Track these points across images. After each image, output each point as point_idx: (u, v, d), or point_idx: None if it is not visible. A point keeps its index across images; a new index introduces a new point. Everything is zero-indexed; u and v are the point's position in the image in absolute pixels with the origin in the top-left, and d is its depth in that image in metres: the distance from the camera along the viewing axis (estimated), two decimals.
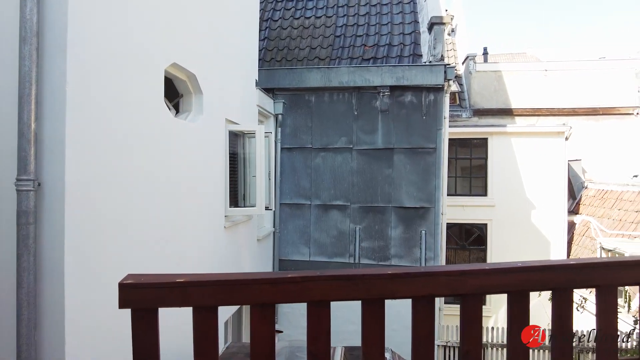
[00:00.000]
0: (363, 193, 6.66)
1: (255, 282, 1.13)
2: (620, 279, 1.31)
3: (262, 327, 1.15)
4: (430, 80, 6.39)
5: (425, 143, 6.52)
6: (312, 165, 6.77)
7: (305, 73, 6.86)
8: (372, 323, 1.18)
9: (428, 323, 1.20)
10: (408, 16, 7.92)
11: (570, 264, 1.26)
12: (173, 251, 3.63)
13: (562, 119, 12.71)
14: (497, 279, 1.21)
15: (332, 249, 6.73)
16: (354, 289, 1.16)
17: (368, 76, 6.62)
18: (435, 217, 6.47)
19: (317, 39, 7.81)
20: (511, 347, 1.26)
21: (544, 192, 11.58)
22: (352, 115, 6.71)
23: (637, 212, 9.61)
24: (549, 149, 11.64)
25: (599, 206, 11.64)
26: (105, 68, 2.76)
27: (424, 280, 1.17)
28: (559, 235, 11.55)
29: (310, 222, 6.79)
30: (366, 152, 6.66)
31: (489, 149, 11.91)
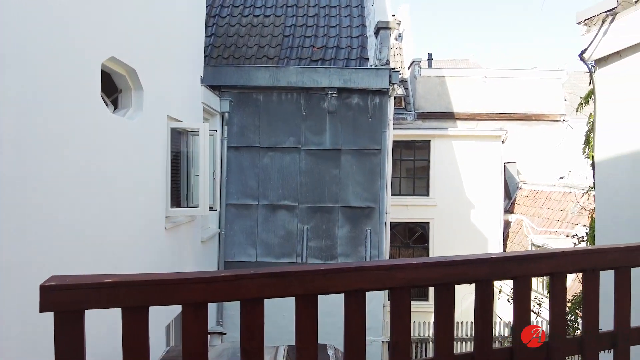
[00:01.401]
0: (311, 193, 6.70)
1: (188, 281, 1.12)
2: (533, 271, 1.44)
3: (194, 327, 1.14)
4: (376, 84, 6.57)
5: (371, 144, 6.69)
6: (260, 165, 6.72)
7: (253, 71, 6.79)
8: (306, 319, 1.21)
9: (360, 317, 1.24)
10: (356, 20, 8.09)
11: (490, 258, 1.36)
12: (109, 254, 3.47)
13: (499, 123, 13.53)
14: (423, 272, 1.28)
15: (279, 250, 6.72)
16: (288, 286, 1.17)
17: (316, 77, 6.67)
18: (380, 216, 6.65)
19: (265, 38, 7.77)
20: (437, 337, 1.34)
21: (482, 192, 12.27)
22: (301, 115, 6.74)
23: (562, 210, 10.45)
24: (487, 151, 12.36)
25: (531, 205, 12.52)
26: (37, 62, 2.59)
27: (355, 275, 1.22)
28: (495, 233, 12.29)
29: (257, 222, 6.73)
30: (314, 152, 6.72)
31: (431, 151, 12.44)
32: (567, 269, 1.50)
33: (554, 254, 1.48)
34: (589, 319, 1.58)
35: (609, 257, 1.59)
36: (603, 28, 2.96)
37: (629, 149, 2.82)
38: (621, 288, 1.61)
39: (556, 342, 1.52)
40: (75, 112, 3.02)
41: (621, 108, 2.95)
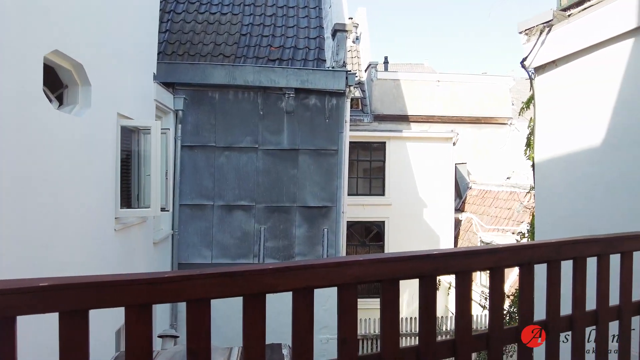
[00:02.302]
0: (269, 193, 6.67)
1: (130, 283, 1.09)
2: (474, 265, 1.51)
3: (138, 330, 1.11)
4: (332, 85, 6.63)
5: (328, 145, 6.75)
6: (216, 164, 6.60)
7: (209, 69, 6.67)
8: (254, 318, 1.21)
9: (308, 315, 1.26)
10: (313, 21, 8.13)
11: (434, 254, 1.42)
12: (53, 257, 3.29)
13: (450, 126, 14.06)
14: (371, 269, 1.32)
15: (236, 250, 6.63)
16: (235, 286, 1.17)
17: (274, 77, 6.65)
18: (337, 216, 6.73)
19: (222, 36, 7.65)
20: (383, 331, 1.38)
21: (434, 192, 12.71)
22: (258, 115, 6.69)
23: (508, 209, 11.02)
24: (439, 153, 12.82)
25: (480, 204, 13.10)
26: None
27: (303, 273, 1.23)
28: (447, 231, 12.77)
29: (213, 223, 6.61)
30: (272, 152, 6.69)
31: (387, 152, 12.73)
32: (505, 263, 1.59)
33: (493, 249, 1.57)
34: (525, 309, 1.69)
35: (541, 252, 1.71)
36: (541, 38, 3.17)
37: (563, 152, 3.03)
38: (552, 280, 1.73)
39: (495, 332, 1.61)
40: (14, 108, 2.84)
41: (557, 113, 3.16)
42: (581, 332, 1.85)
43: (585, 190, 2.84)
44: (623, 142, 2.59)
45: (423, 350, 1.44)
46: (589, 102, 2.86)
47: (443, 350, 1.52)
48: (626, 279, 1.97)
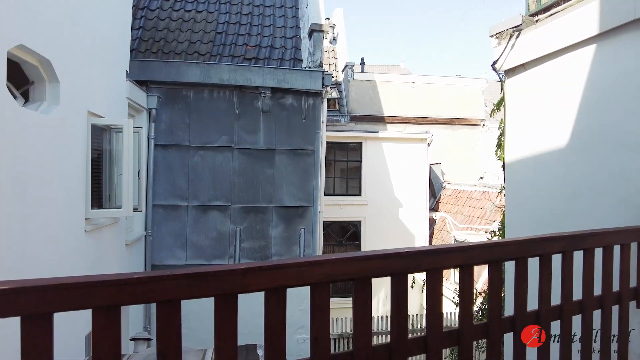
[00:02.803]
0: (244, 193, 6.61)
1: (97, 284, 1.06)
2: (443, 263, 1.55)
3: (106, 333, 1.09)
4: (309, 85, 6.64)
5: (304, 145, 6.75)
6: (190, 164, 6.51)
7: (184, 67, 6.56)
8: (225, 318, 1.20)
9: (280, 314, 1.26)
10: (290, 20, 8.12)
11: (405, 252, 1.44)
12: (19, 260, 3.17)
13: (425, 127, 14.28)
14: (342, 267, 1.33)
15: (211, 251, 6.55)
16: (206, 286, 1.16)
17: (250, 76, 6.60)
18: (314, 216, 6.73)
19: (197, 34, 7.54)
20: (356, 329, 1.40)
21: (409, 191, 12.89)
22: (234, 114, 6.63)
23: (481, 208, 11.28)
24: (414, 153, 13.01)
25: (454, 204, 13.37)
26: None
27: (275, 272, 1.23)
28: (422, 230, 12.97)
29: (187, 224, 6.51)
30: (248, 151, 6.64)
31: (363, 153, 12.84)
32: (474, 261, 1.63)
33: (463, 247, 1.60)
34: (494, 305, 1.74)
35: (510, 250, 1.76)
36: (511, 42, 3.26)
37: (532, 152, 3.13)
38: (520, 276, 1.78)
39: (465, 328, 1.64)
40: None
41: (526, 115, 3.26)
42: (546, 327, 1.91)
43: (552, 190, 2.94)
44: (587, 144, 2.69)
45: (395, 347, 1.46)
46: (556, 104, 2.97)
47: (415, 347, 1.54)
48: (588, 275, 2.05)
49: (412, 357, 1.57)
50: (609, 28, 2.53)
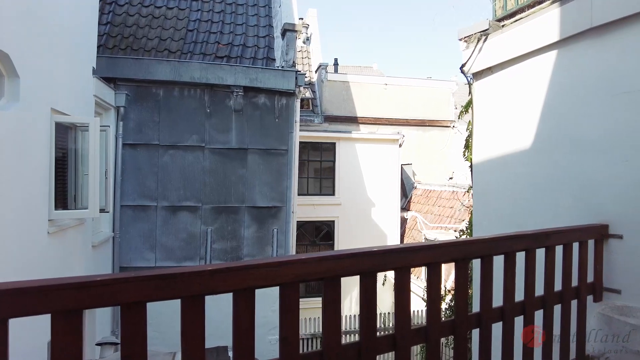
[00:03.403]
0: (216, 193, 6.52)
1: (57, 287, 1.03)
2: (411, 262, 1.58)
3: (67, 339, 1.05)
4: (282, 85, 6.61)
5: (277, 145, 6.72)
6: (160, 163, 6.36)
7: (154, 65, 6.41)
8: (192, 320, 1.18)
9: (249, 315, 1.25)
10: (263, 19, 8.06)
11: (373, 251, 1.46)
12: None
13: (397, 128, 14.50)
14: (311, 267, 1.33)
15: (181, 253, 6.42)
16: (172, 288, 1.14)
17: (221, 74, 6.52)
18: (287, 216, 6.71)
19: (167, 31, 7.39)
20: (325, 328, 1.40)
21: (382, 191, 13.06)
22: (205, 112, 6.53)
23: (451, 208, 11.54)
24: (386, 154, 13.18)
25: (425, 203, 13.61)
26: None
27: (244, 273, 1.22)
28: (393, 229, 13.15)
29: (156, 225, 6.36)
30: (219, 151, 6.55)
31: (337, 153, 12.91)
32: (441, 259, 1.67)
33: (430, 246, 1.64)
34: (460, 302, 1.78)
35: (475, 248, 1.81)
36: (478, 46, 3.35)
37: (498, 153, 3.23)
38: (485, 274, 1.84)
39: (433, 325, 1.68)
40: None
41: (493, 117, 3.36)
42: (510, 323, 1.97)
43: (516, 190, 3.04)
44: (547, 146, 2.80)
45: (364, 345, 1.48)
46: (520, 107, 3.07)
47: (384, 345, 1.56)
48: (550, 271, 2.14)
49: (382, 355, 1.59)
50: (568, 35, 2.64)
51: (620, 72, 2.41)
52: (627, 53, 2.38)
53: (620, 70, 2.41)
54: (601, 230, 2.41)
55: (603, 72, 2.50)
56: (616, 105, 2.42)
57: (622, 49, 2.41)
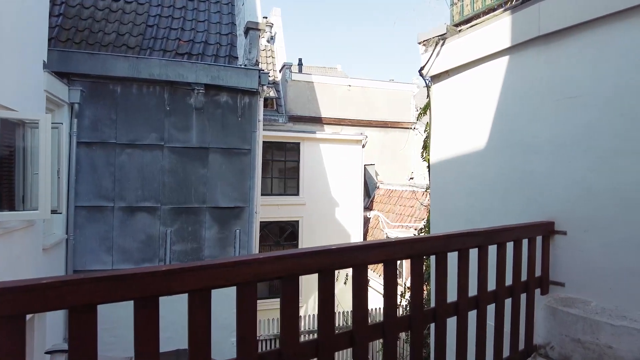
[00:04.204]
0: (175, 193, 6.37)
1: (0, 291, 0.98)
2: (369, 259, 1.61)
3: (10, 345, 1.00)
4: (245, 84, 6.55)
5: (240, 144, 6.64)
6: (117, 162, 6.14)
7: (111, 60, 6.18)
8: (146, 322, 1.16)
9: (205, 316, 1.24)
10: (226, 17, 7.96)
11: (331, 249, 1.48)
12: None
13: (360, 129, 14.70)
14: (270, 266, 1.34)
15: (139, 255, 6.23)
16: (124, 289, 1.11)
17: (182, 72, 6.37)
18: (250, 216, 6.65)
19: (126, 25, 7.14)
20: (283, 327, 1.41)
21: (345, 191, 13.20)
22: (164, 110, 6.36)
23: (411, 207, 11.82)
24: (349, 154, 13.34)
25: (387, 203, 13.86)
26: None
27: (199, 273, 1.21)
28: (357, 228, 13.32)
29: (113, 226, 6.14)
30: (179, 150, 6.40)
31: (301, 153, 12.92)
32: (397, 256, 1.71)
33: (386, 243, 1.68)
34: (415, 298, 1.84)
35: (430, 245, 1.87)
36: (436, 49, 3.46)
37: (454, 154, 3.35)
38: (440, 270, 1.90)
39: (389, 321, 1.72)
40: None
41: (449, 119, 3.48)
42: (464, 317, 2.05)
43: (470, 189, 3.17)
44: (500, 147, 2.94)
45: (322, 342, 1.50)
46: (475, 110, 3.20)
47: (342, 342, 1.59)
48: (501, 267, 2.24)
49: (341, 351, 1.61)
50: (518, 42, 2.78)
51: (565, 79, 2.56)
52: (572, 60, 2.53)
53: (566, 76, 2.56)
54: (548, 227, 2.54)
55: (550, 78, 2.65)
56: (561, 110, 2.57)
57: (567, 56, 2.56)
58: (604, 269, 2.33)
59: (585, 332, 2.23)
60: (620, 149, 2.27)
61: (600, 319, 2.17)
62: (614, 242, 2.29)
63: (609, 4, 2.29)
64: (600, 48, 2.38)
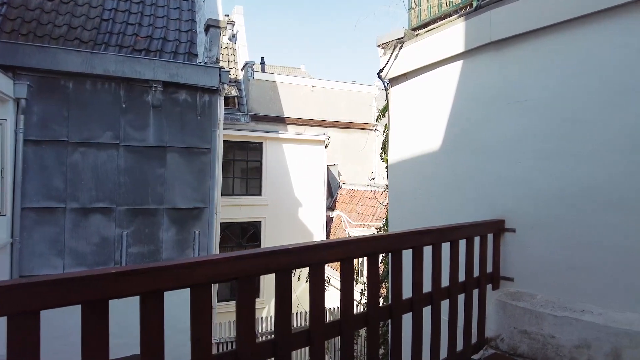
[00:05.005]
0: (132, 194, 6.15)
1: None
2: (326, 258, 1.63)
3: None
4: (205, 82, 6.42)
5: (200, 143, 6.51)
6: (68, 162, 5.85)
7: (62, 54, 5.88)
8: (95, 327, 1.12)
9: (157, 319, 1.21)
10: (186, 13, 7.78)
11: (288, 249, 1.49)
12: None
13: (323, 129, 14.78)
14: (225, 267, 1.32)
15: (93, 258, 5.97)
16: (71, 293, 1.07)
17: (139, 68, 6.16)
18: (210, 217, 6.53)
19: (79, 18, 6.83)
20: (239, 328, 1.40)
21: (308, 191, 13.23)
22: (120, 108, 6.13)
23: (373, 207, 12.03)
24: (313, 154, 13.38)
25: (349, 203, 14.03)
26: None
27: (151, 275, 1.18)
28: (319, 228, 13.39)
29: (65, 229, 5.84)
30: (136, 149, 6.18)
31: (263, 153, 12.83)
32: (353, 254, 1.74)
33: (343, 242, 1.71)
34: (371, 295, 1.88)
35: (385, 243, 1.91)
36: (395, 53, 3.54)
37: (411, 154, 3.45)
38: (395, 267, 1.95)
39: (346, 318, 1.75)
40: None
41: (407, 120, 3.57)
42: (419, 313, 2.11)
43: (427, 189, 3.27)
44: (453, 148, 3.05)
45: (279, 342, 1.50)
46: (431, 112, 3.30)
47: (299, 340, 1.60)
48: (454, 263, 2.32)
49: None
50: (471, 47, 2.90)
51: (514, 83, 2.69)
52: (521, 66, 2.67)
53: (515, 81, 2.69)
54: (498, 225, 2.67)
55: (500, 82, 2.77)
56: (511, 114, 2.70)
57: (517, 62, 2.69)
58: (548, 264, 2.47)
59: (531, 324, 2.35)
60: (562, 151, 2.42)
61: (544, 311, 2.30)
62: (556, 239, 2.43)
63: (554, 14, 2.44)
64: (547, 55, 2.53)
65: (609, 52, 2.24)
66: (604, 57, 2.26)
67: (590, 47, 2.32)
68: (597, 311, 2.18)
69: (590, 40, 2.32)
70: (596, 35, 2.30)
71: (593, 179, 2.27)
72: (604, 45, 2.26)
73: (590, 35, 2.32)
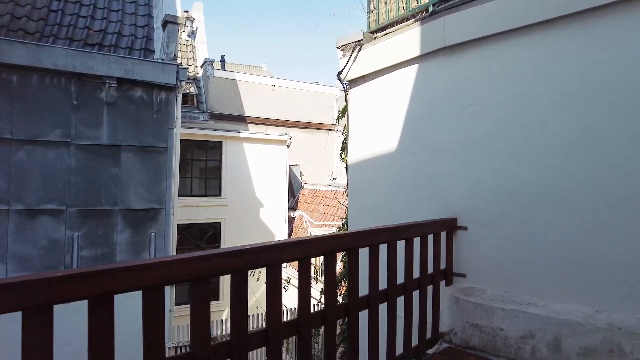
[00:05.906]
0: (83, 195, 5.87)
1: None
2: (283, 257, 1.63)
3: None
4: (161, 79, 6.24)
5: (156, 142, 6.32)
6: (13, 160, 5.51)
7: (5, 45, 5.53)
8: (37, 335, 1.07)
9: (107, 324, 1.17)
10: (142, 8, 7.52)
11: (244, 249, 1.48)
12: None
13: (285, 129, 14.75)
14: (178, 269, 1.30)
15: (41, 262, 5.65)
16: (11, 299, 1.01)
17: (92, 63, 5.90)
18: (166, 218, 6.35)
19: (23, 8, 6.45)
20: (193, 329, 1.38)
21: (270, 192, 13.15)
22: (71, 104, 5.84)
23: (334, 206, 12.13)
24: (274, 154, 13.31)
25: (311, 202, 14.07)
26: None
27: (100, 277, 1.14)
28: (281, 228, 13.34)
29: (8, 232, 5.50)
30: (88, 148, 5.91)
31: (223, 152, 12.62)
32: (311, 253, 1.76)
33: (300, 241, 1.72)
34: (329, 294, 1.90)
35: (342, 242, 1.95)
36: (353, 55, 3.60)
37: (368, 155, 3.51)
38: (352, 265, 1.98)
39: (304, 317, 1.76)
40: None
41: (365, 122, 3.64)
42: (375, 309, 2.16)
43: (384, 188, 3.34)
44: (410, 149, 3.14)
45: (235, 343, 1.49)
46: (389, 113, 3.38)
47: (256, 341, 1.59)
48: (409, 261, 2.39)
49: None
50: (426, 52, 2.99)
51: (466, 87, 2.81)
52: (472, 71, 2.78)
53: (467, 85, 2.81)
54: (451, 223, 2.77)
55: (454, 85, 2.88)
56: (463, 116, 2.81)
57: (469, 66, 2.81)
58: (497, 260, 2.60)
59: (482, 317, 2.47)
60: (511, 153, 2.55)
61: (493, 305, 2.42)
62: (504, 235, 2.56)
63: (505, 21, 2.56)
64: (496, 61, 2.65)
65: (551, 60, 2.39)
66: (546, 65, 2.41)
67: (534, 55, 2.46)
68: (540, 303, 2.31)
69: (535, 48, 2.46)
70: (540, 44, 2.44)
71: (537, 179, 2.41)
72: (547, 53, 2.41)
73: (535, 44, 2.46)
